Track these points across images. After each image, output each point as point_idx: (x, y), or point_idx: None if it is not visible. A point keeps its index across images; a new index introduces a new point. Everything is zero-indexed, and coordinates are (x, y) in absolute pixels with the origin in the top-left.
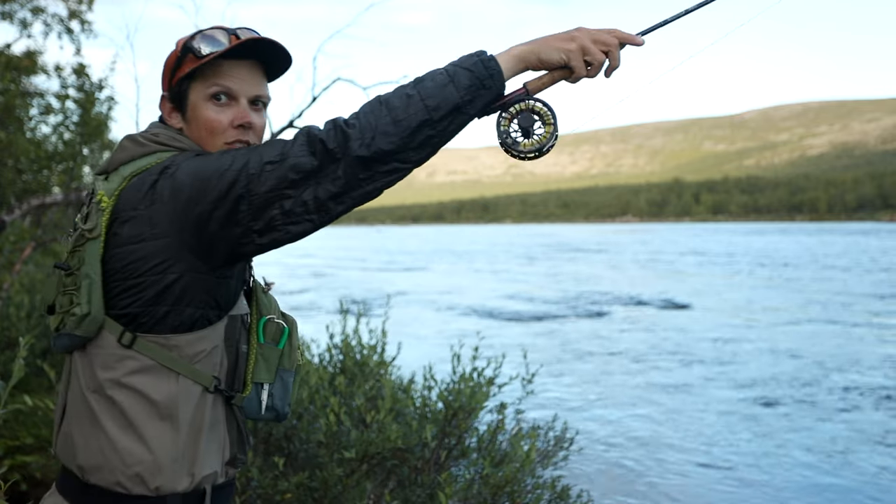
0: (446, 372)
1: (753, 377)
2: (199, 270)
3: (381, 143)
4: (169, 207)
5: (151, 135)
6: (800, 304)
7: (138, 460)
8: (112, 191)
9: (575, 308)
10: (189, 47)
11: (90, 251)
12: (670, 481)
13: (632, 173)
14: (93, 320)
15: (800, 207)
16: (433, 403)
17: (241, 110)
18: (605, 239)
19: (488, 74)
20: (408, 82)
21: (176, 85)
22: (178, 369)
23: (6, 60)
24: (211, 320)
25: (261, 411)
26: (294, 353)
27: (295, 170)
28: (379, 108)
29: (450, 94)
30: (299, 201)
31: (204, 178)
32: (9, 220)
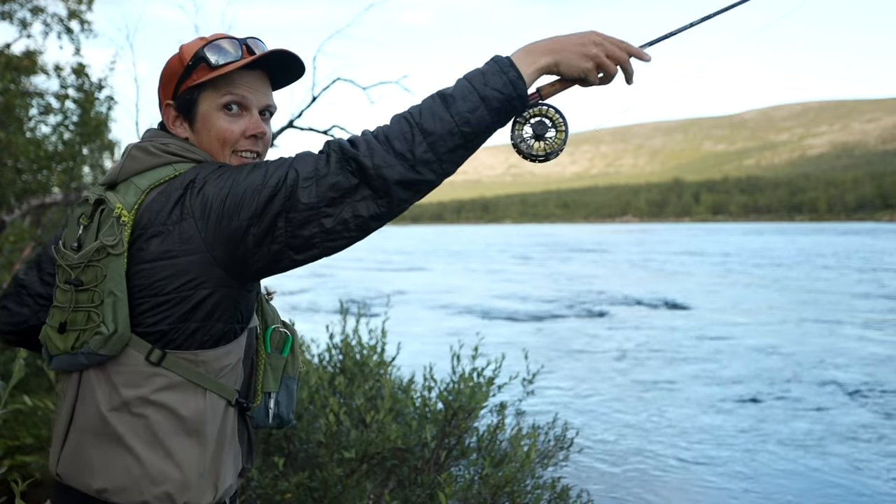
0: (446, 372)
1: (752, 377)
2: (231, 286)
3: (423, 171)
4: (200, 224)
5: (161, 144)
6: (793, 303)
7: (167, 478)
8: (131, 204)
9: (573, 308)
10: (202, 57)
11: (113, 267)
12: (670, 481)
13: (632, 173)
14: (120, 338)
15: (800, 207)
16: (433, 403)
17: (254, 121)
18: (603, 239)
19: (517, 95)
20: (437, 97)
21: (184, 94)
22: (205, 385)
23: (6, 60)
24: (236, 334)
25: (268, 420)
26: (297, 360)
27: (334, 188)
28: (410, 130)
29: (482, 118)
30: (339, 219)
31: (238, 194)
32: (9, 220)
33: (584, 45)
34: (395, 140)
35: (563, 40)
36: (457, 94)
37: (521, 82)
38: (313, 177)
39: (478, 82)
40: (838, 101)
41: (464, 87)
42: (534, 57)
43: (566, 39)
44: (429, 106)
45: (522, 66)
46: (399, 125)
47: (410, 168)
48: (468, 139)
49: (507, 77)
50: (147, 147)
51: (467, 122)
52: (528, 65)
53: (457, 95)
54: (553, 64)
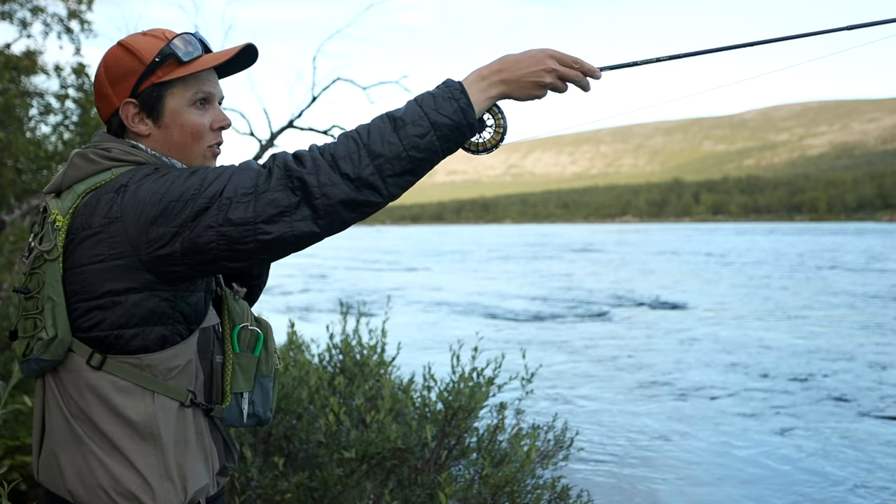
0: (446, 372)
1: (751, 376)
2: (162, 289)
3: (367, 193)
4: (129, 227)
5: (103, 150)
6: (800, 304)
7: (130, 481)
8: (66, 209)
9: (573, 308)
10: (171, 53)
11: (49, 272)
12: (670, 481)
13: (632, 173)
14: (60, 343)
15: (799, 207)
16: (433, 403)
17: (219, 113)
18: (600, 239)
19: (467, 123)
20: (386, 119)
21: (148, 90)
22: (152, 388)
23: (6, 60)
24: (182, 336)
25: (243, 419)
26: (271, 358)
27: (273, 205)
28: (357, 151)
29: (431, 144)
30: (276, 235)
31: (170, 200)
32: (9, 220)
33: (538, 74)
34: (342, 160)
35: (516, 68)
36: (407, 118)
37: (471, 110)
38: (252, 192)
39: (428, 107)
40: (838, 101)
41: (414, 111)
42: (486, 84)
43: (518, 67)
44: (378, 127)
45: (474, 92)
46: (346, 145)
47: (355, 189)
48: (415, 164)
49: (457, 104)
50: (87, 154)
51: (416, 147)
52: (479, 91)
53: (407, 119)
54: (506, 93)
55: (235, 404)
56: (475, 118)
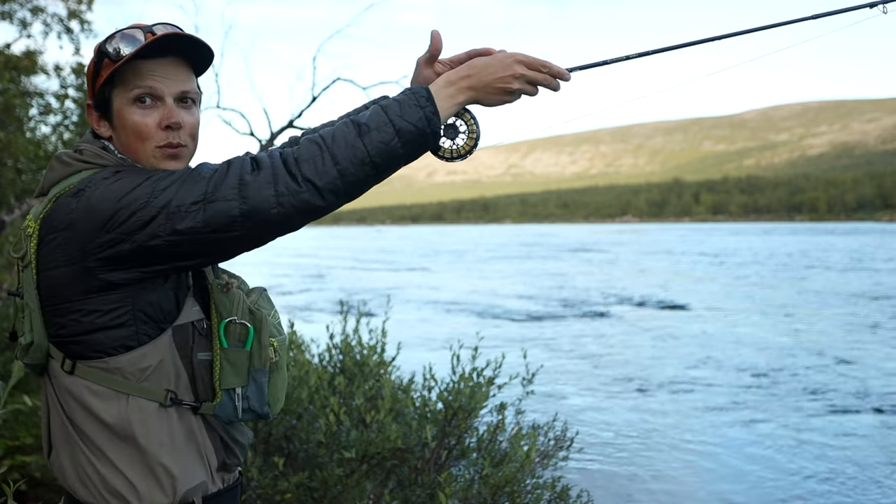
0: (446, 372)
1: (751, 376)
2: (116, 293)
3: (328, 197)
4: (79, 232)
5: (75, 152)
6: (813, 305)
7: (116, 482)
8: (38, 214)
9: (573, 308)
10: (103, 51)
11: (26, 278)
12: (670, 481)
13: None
14: (37, 348)
15: (799, 207)
16: (433, 403)
17: (168, 110)
18: (596, 239)
19: (431, 131)
20: (350, 124)
21: (99, 92)
22: (125, 390)
23: (6, 60)
24: (149, 336)
25: (237, 415)
26: (264, 351)
27: (221, 214)
28: (321, 154)
29: (395, 151)
30: (225, 240)
31: (119, 207)
32: (9, 220)
33: (506, 80)
34: (305, 163)
35: (484, 74)
36: (372, 124)
37: (437, 118)
38: (201, 201)
39: (393, 113)
40: (838, 101)
41: (379, 116)
42: (453, 91)
43: (486, 73)
44: (342, 132)
45: (440, 99)
46: (309, 148)
47: (316, 194)
48: (378, 170)
49: (423, 112)
50: (62, 157)
51: (379, 153)
52: (446, 98)
53: (371, 125)
54: (474, 99)
55: (228, 400)
56: (440, 126)
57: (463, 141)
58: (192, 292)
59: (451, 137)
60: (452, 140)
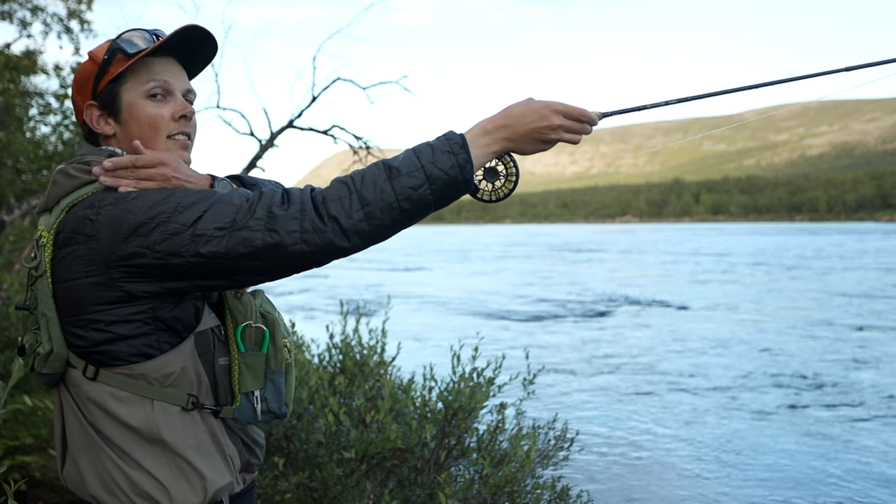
0: (446, 372)
1: (750, 376)
2: (138, 304)
3: (353, 239)
4: (102, 245)
5: (83, 164)
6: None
7: (145, 485)
8: (51, 225)
9: (573, 308)
10: (117, 48)
11: (41, 289)
12: (670, 481)
13: (632, 173)
14: (56, 357)
15: (799, 207)
16: (433, 403)
17: (180, 102)
18: (593, 239)
19: (463, 180)
20: (382, 166)
21: (105, 90)
22: (149, 395)
23: (6, 60)
24: (172, 343)
25: (257, 417)
26: (280, 353)
27: (246, 244)
28: (349, 195)
29: (424, 197)
30: (247, 269)
31: (143, 220)
32: (9, 221)
33: (543, 131)
34: (332, 203)
35: (521, 124)
36: (403, 168)
37: (469, 167)
38: (228, 227)
39: (425, 159)
40: (838, 101)
41: (411, 161)
42: (489, 140)
43: (523, 123)
44: (372, 174)
45: (475, 147)
46: (338, 189)
47: (341, 235)
48: (406, 215)
49: (456, 160)
50: (67, 170)
51: (408, 199)
52: (481, 147)
53: (403, 169)
54: (508, 150)
55: (247, 403)
56: (472, 174)
57: (501, 183)
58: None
59: (491, 181)
60: (492, 183)
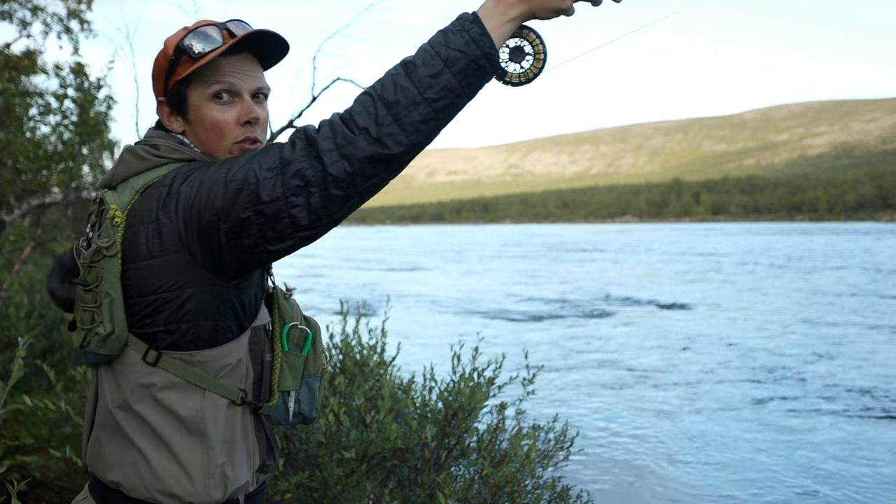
0: (446, 372)
1: (752, 375)
2: (214, 283)
3: (388, 143)
4: (176, 223)
5: (151, 147)
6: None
7: (172, 476)
8: (125, 204)
9: (573, 308)
10: (183, 49)
11: (108, 268)
12: (671, 480)
13: (631, 173)
14: (117, 339)
15: (799, 207)
16: (433, 403)
17: (246, 106)
18: (591, 239)
19: (482, 53)
20: (399, 66)
21: (173, 88)
22: (203, 385)
23: (5, 60)
24: (234, 332)
25: (289, 418)
26: (319, 357)
27: (299, 176)
28: (372, 104)
29: (448, 83)
30: (308, 207)
31: (205, 191)
32: (8, 220)
33: None
34: (358, 115)
35: None
36: (418, 60)
37: (486, 39)
38: (278, 166)
39: (438, 44)
40: (838, 101)
41: (425, 51)
42: (503, 7)
43: None
44: (391, 76)
45: (490, 19)
46: (362, 101)
47: (375, 142)
48: (434, 107)
49: (468, 35)
50: (137, 151)
51: (430, 88)
52: (497, 16)
53: (418, 61)
54: (528, 12)
55: (282, 403)
56: (491, 46)
57: (530, 63)
58: None
59: (518, 61)
60: (519, 63)
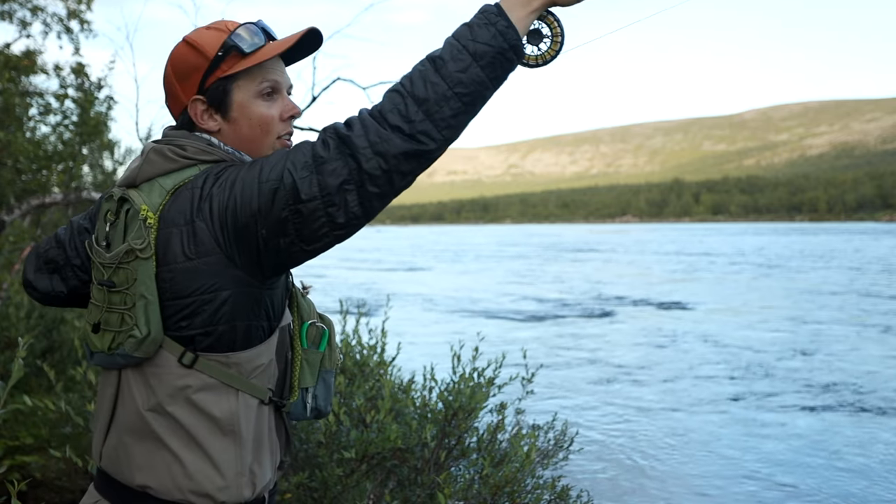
0: (446, 372)
1: (752, 375)
2: (250, 285)
3: (423, 139)
4: (212, 225)
5: (177, 147)
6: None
7: (206, 477)
8: (156, 206)
9: (572, 308)
10: (234, 46)
11: (142, 270)
12: (671, 480)
13: (631, 173)
14: (153, 341)
15: (799, 207)
16: (433, 403)
17: (287, 102)
18: (598, 238)
19: (509, 46)
20: (426, 61)
21: (215, 85)
22: (237, 386)
23: (5, 60)
24: (265, 333)
25: (306, 413)
26: (334, 353)
27: (334, 175)
28: (402, 101)
29: (476, 77)
30: (345, 206)
31: (241, 193)
32: (8, 221)
33: None
34: (389, 114)
35: None
36: (446, 56)
37: (512, 31)
38: (311, 165)
39: (465, 39)
40: (838, 101)
41: (452, 46)
42: None
43: None
44: (419, 72)
45: (514, 10)
46: (391, 99)
47: (409, 139)
48: (465, 101)
49: (495, 28)
50: (164, 151)
51: (461, 83)
52: (519, 7)
53: (446, 57)
54: (550, 2)
55: (301, 399)
56: (517, 38)
57: (547, 45)
58: None
59: (535, 43)
60: (536, 46)
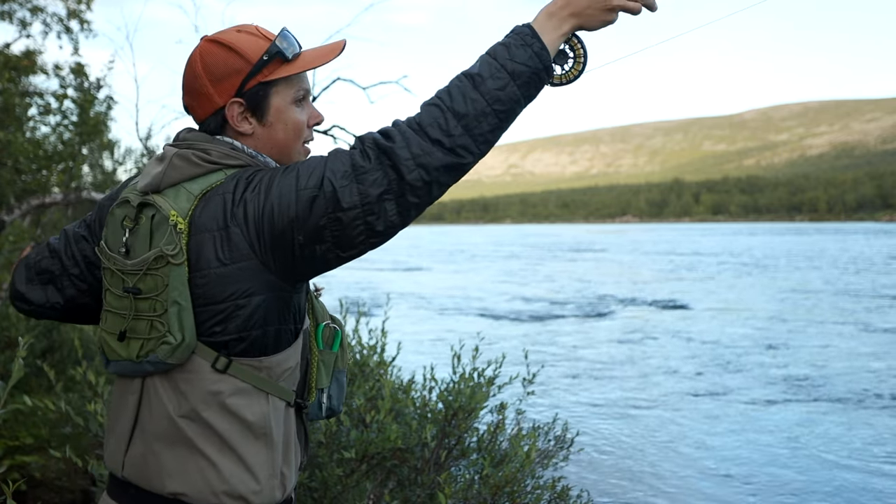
0: (446, 372)
1: (752, 375)
2: (282, 289)
3: (462, 153)
4: (246, 230)
5: (201, 151)
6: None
7: (240, 481)
8: (185, 211)
9: (573, 308)
10: (279, 52)
11: (174, 276)
12: (670, 482)
13: (631, 173)
14: (187, 347)
15: (799, 207)
16: (433, 403)
17: (313, 109)
18: (598, 239)
19: (543, 67)
20: (464, 78)
21: (254, 89)
22: (267, 389)
23: (5, 60)
24: (293, 336)
25: (321, 413)
26: (346, 353)
27: (375, 185)
28: (442, 115)
29: (513, 95)
30: (383, 214)
31: (278, 200)
32: (8, 221)
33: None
34: (429, 127)
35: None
36: (484, 73)
37: (546, 53)
38: (351, 174)
39: (503, 58)
40: (838, 101)
41: (490, 64)
42: (556, 22)
43: None
44: (458, 88)
45: (546, 34)
46: (430, 112)
47: (450, 152)
48: (501, 117)
49: (532, 50)
50: (188, 156)
51: (499, 100)
52: (551, 31)
53: (485, 74)
54: (577, 27)
55: (317, 399)
56: (550, 60)
57: (570, 66)
58: None
59: (561, 63)
60: (561, 66)
